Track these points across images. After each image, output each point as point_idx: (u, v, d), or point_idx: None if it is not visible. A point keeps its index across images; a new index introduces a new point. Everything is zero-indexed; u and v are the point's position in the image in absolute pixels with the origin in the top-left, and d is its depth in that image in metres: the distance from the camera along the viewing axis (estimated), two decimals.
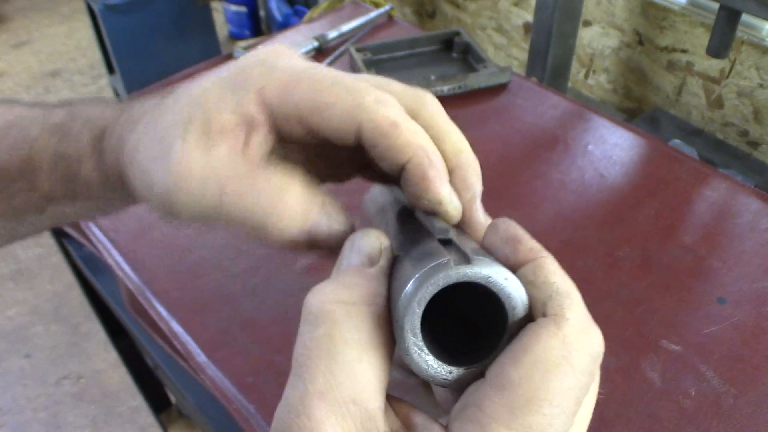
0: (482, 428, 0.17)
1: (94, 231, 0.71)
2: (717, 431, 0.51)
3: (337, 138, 0.24)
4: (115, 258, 0.68)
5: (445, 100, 0.89)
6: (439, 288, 0.18)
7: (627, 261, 0.65)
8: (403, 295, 0.18)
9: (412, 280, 0.18)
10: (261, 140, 0.25)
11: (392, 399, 0.19)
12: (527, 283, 0.19)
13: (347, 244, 0.23)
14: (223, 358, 0.57)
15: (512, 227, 0.21)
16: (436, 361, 0.19)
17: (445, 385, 0.19)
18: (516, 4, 2.06)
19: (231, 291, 0.63)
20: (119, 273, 0.66)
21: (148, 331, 0.68)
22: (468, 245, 0.19)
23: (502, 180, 0.75)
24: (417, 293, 0.18)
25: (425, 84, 0.88)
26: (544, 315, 0.18)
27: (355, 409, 0.18)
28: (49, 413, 1.53)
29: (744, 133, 1.65)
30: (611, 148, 0.80)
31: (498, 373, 0.18)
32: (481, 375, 0.18)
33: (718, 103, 1.67)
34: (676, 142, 1.56)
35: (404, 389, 0.20)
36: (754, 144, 1.64)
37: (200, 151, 0.24)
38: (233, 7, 2.72)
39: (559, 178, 0.76)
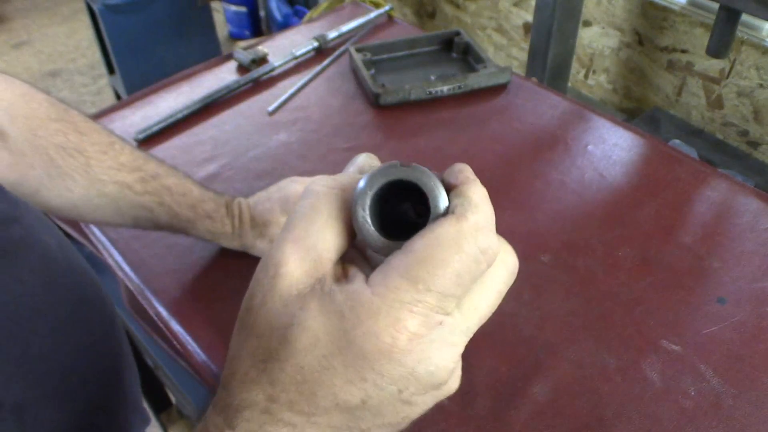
0: (385, 275, 0.24)
1: (94, 231, 0.71)
2: (717, 431, 0.51)
3: None
4: (115, 258, 0.68)
5: (445, 100, 0.89)
6: (385, 180, 0.26)
7: (627, 261, 0.65)
8: (360, 181, 0.27)
9: (368, 173, 0.27)
10: None
11: (342, 260, 0.27)
12: (453, 195, 0.27)
13: (350, 162, 0.33)
14: (223, 358, 0.57)
15: (461, 166, 0.29)
16: (375, 232, 0.26)
17: (378, 250, 0.27)
18: (516, 4, 2.06)
19: (231, 291, 0.63)
20: (119, 273, 0.66)
21: (148, 331, 0.68)
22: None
23: (502, 180, 0.76)
24: (369, 181, 0.26)
25: (425, 84, 0.88)
26: (453, 213, 0.26)
27: (314, 253, 0.26)
28: None
29: (744, 133, 1.65)
30: (611, 148, 0.80)
31: (409, 243, 0.25)
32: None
33: (718, 103, 1.67)
34: (676, 142, 1.56)
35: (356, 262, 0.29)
36: (754, 144, 1.64)
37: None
38: (233, 7, 2.72)
39: (559, 178, 0.76)
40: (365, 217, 0.26)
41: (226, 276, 0.65)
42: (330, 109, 0.89)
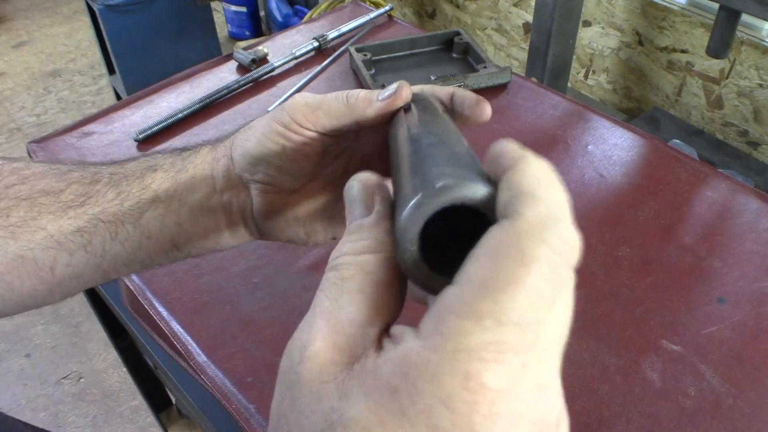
0: (437, 319, 0.18)
1: None
2: (717, 431, 0.51)
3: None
4: None
5: None
6: (432, 212, 0.20)
7: (627, 261, 0.65)
8: (396, 228, 0.21)
9: (403, 214, 0.21)
10: None
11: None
12: (500, 190, 0.20)
13: (345, 200, 0.26)
14: (223, 358, 0.57)
15: (501, 147, 0.22)
16: (431, 273, 0.21)
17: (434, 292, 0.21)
18: (516, 4, 2.06)
19: (231, 291, 0.63)
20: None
21: (148, 331, 0.68)
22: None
23: None
24: (411, 221, 0.20)
25: (425, 84, 0.88)
26: (505, 217, 0.19)
27: (349, 327, 0.20)
28: (50, 413, 1.53)
29: (744, 133, 1.65)
30: (611, 148, 0.80)
31: (460, 272, 0.18)
32: None
33: (717, 104, 1.67)
34: (676, 142, 1.56)
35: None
36: (754, 144, 1.64)
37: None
38: (233, 7, 2.72)
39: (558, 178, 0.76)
40: (415, 259, 0.21)
41: (227, 276, 0.65)
42: None
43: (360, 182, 0.25)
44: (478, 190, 0.20)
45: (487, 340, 0.17)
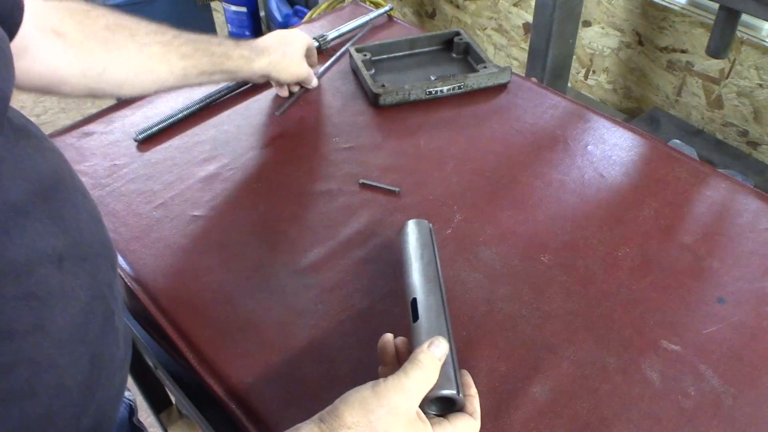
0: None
1: None
2: (717, 431, 0.51)
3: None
4: None
5: (445, 100, 0.89)
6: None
7: (627, 261, 0.65)
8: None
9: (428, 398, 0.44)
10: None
11: None
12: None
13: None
14: (222, 358, 0.57)
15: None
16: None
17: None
18: (516, 4, 2.06)
19: (231, 291, 0.63)
20: (119, 273, 0.66)
21: (148, 331, 0.68)
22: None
23: (502, 180, 0.76)
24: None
25: (425, 84, 0.88)
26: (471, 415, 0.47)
27: None
28: None
29: (744, 133, 1.65)
30: (611, 148, 0.80)
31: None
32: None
33: (717, 104, 1.67)
34: (676, 142, 1.56)
35: None
36: (754, 144, 1.64)
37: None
38: (233, 7, 2.72)
39: (558, 178, 0.76)
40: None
41: (227, 276, 0.65)
42: (330, 109, 0.89)
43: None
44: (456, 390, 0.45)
45: None
